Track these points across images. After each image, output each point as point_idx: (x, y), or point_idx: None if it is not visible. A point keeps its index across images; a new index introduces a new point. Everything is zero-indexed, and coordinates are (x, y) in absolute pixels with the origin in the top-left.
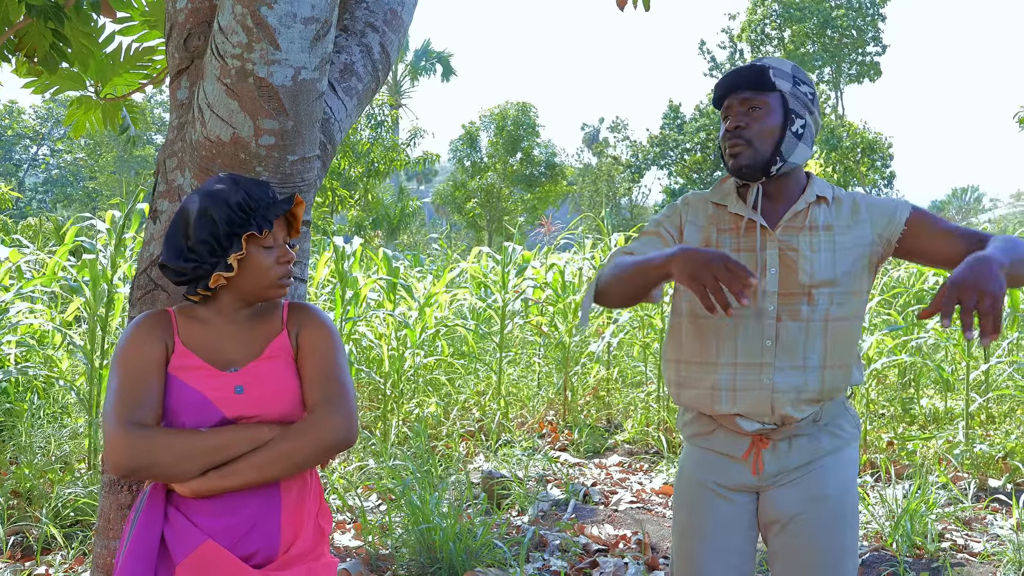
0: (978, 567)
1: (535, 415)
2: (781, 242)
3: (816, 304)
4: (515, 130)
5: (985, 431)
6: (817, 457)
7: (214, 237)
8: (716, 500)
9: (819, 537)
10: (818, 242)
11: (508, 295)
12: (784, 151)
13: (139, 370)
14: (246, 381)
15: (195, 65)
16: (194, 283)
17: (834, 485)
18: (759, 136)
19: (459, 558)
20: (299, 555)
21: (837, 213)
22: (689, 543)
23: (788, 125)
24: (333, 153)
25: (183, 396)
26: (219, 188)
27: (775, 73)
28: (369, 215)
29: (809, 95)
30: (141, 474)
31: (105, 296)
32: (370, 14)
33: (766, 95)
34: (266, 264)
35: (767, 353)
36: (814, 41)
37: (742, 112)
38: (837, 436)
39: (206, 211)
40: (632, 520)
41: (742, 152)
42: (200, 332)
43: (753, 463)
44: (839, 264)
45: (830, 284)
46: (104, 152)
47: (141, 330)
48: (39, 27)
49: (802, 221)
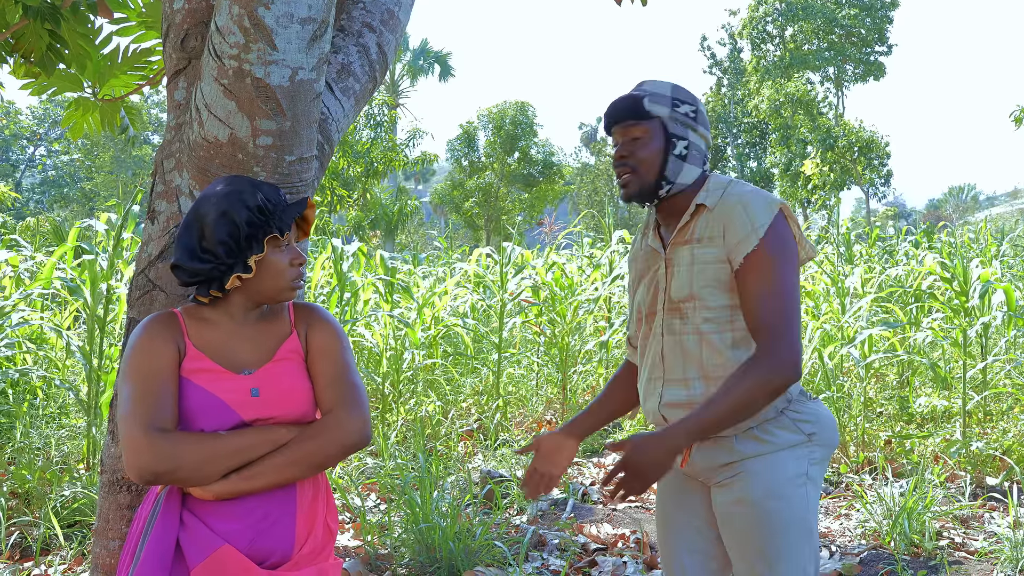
0: (975, 565)
1: (534, 414)
2: (668, 260)
3: (687, 317)
4: (513, 129)
5: (982, 429)
6: (740, 459)
7: (233, 238)
8: (676, 482)
9: (748, 539)
10: (686, 256)
11: (507, 295)
12: (669, 174)
13: (154, 374)
14: (261, 383)
15: (192, 66)
16: (206, 284)
17: (759, 490)
18: (641, 164)
19: (458, 557)
20: (310, 554)
21: (713, 223)
22: (658, 523)
23: (670, 149)
24: (331, 153)
25: (199, 399)
26: (237, 189)
27: (651, 100)
28: (368, 215)
29: (691, 114)
30: (165, 479)
31: (104, 297)
32: (367, 14)
33: (644, 123)
34: (281, 266)
35: (656, 368)
36: (819, 39)
37: (625, 142)
38: (764, 442)
39: (226, 212)
40: (630, 519)
41: (629, 180)
42: (210, 334)
43: (683, 458)
44: (696, 279)
45: (690, 299)
46: (101, 153)
47: (151, 333)
48: (36, 28)
49: (684, 235)
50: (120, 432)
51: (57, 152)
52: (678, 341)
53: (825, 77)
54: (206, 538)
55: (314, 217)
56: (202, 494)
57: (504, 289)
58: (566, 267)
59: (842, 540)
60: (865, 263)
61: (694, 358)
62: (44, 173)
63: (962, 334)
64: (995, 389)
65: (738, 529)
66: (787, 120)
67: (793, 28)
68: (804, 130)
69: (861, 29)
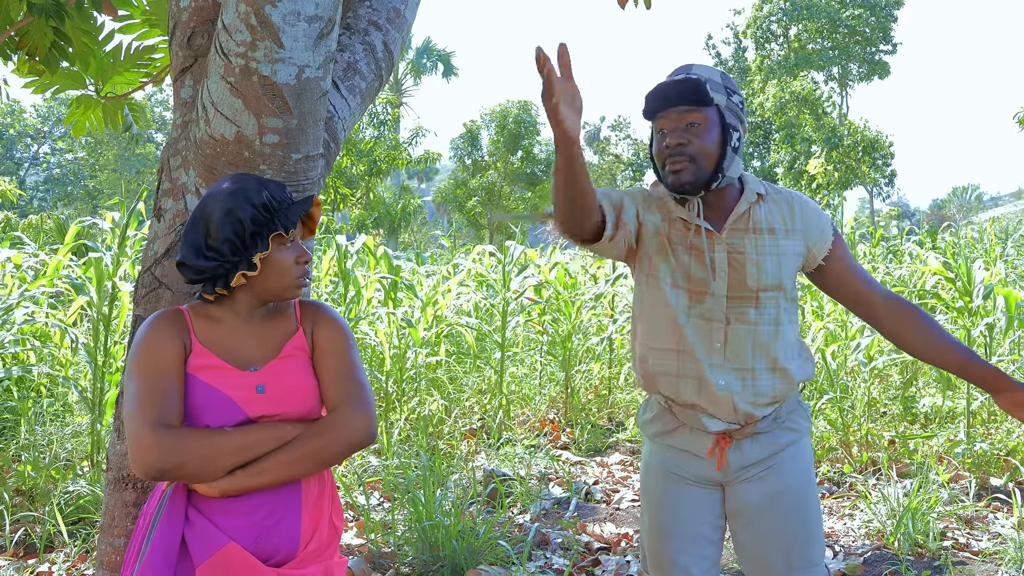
0: (980, 566)
1: (537, 413)
2: (729, 244)
3: (763, 307)
4: (516, 128)
5: (986, 430)
6: (775, 452)
7: (238, 236)
8: (684, 488)
9: (783, 529)
10: (763, 245)
11: (510, 294)
12: (725, 166)
13: (160, 371)
14: (267, 380)
15: (199, 63)
16: (212, 282)
17: (794, 478)
18: (701, 153)
19: (461, 556)
20: (315, 551)
21: (776, 215)
22: (660, 533)
23: (727, 141)
24: (337, 151)
25: (206, 396)
26: (242, 187)
27: (711, 87)
28: (371, 214)
29: (740, 105)
30: (171, 475)
31: (109, 294)
32: (373, 12)
33: (704, 110)
34: (287, 264)
35: (716, 355)
36: (823, 39)
37: (680, 128)
38: (792, 430)
39: (231, 210)
40: (634, 518)
41: (685, 169)
42: (216, 331)
43: (718, 461)
44: (784, 269)
45: (777, 288)
46: (105, 151)
47: (158, 329)
48: (40, 25)
49: (745, 223)
50: (126, 428)
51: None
52: (750, 330)
53: (829, 76)
54: (211, 535)
55: (320, 215)
56: (207, 491)
57: (507, 288)
58: (569, 266)
59: (846, 540)
60: (869, 263)
61: (765, 348)
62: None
63: (966, 334)
64: None
65: (774, 519)
66: (791, 119)
67: (797, 27)
68: (808, 129)
69: (865, 28)
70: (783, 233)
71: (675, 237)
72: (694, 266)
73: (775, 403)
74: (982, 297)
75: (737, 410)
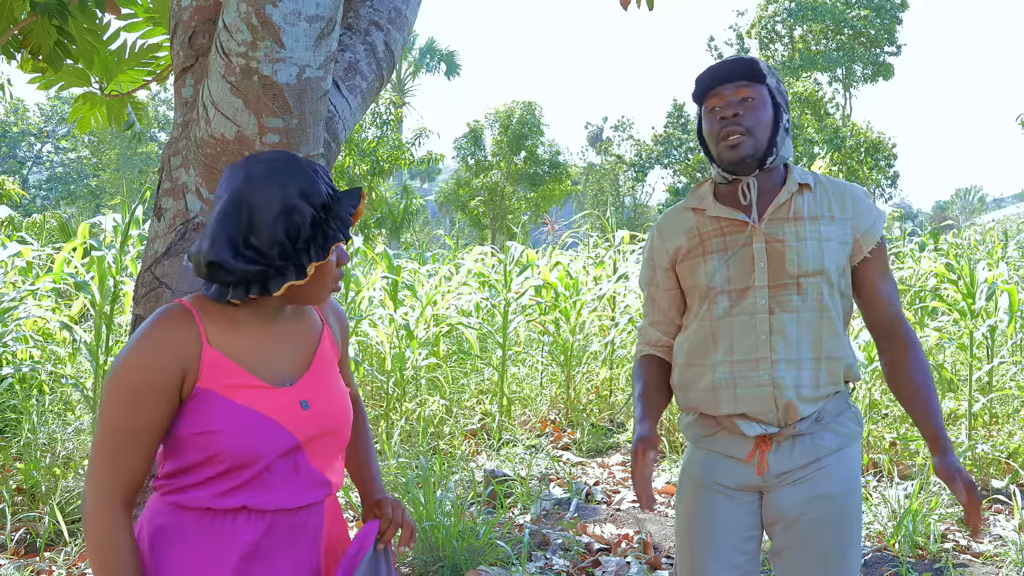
0: (980, 568)
1: (538, 414)
2: (767, 234)
3: (806, 294)
4: (519, 129)
5: (988, 432)
6: (821, 456)
7: (291, 239)
8: (720, 499)
9: (824, 535)
10: (804, 231)
11: (511, 294)
12: (778, 144)
13: (137, 427)
14: (309, 395)
15: (200, 63)
16: (244, 286)
17: (838, 484)
18: (758, 125)
19: (462, 556)
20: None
21: (823, 203)
22: (693, 542)
23: (779, 120)
24: (337, 151)
25: (244, 420)
26: (295, 175)
27: (763, 67)
28: (373, 214)
29: (786, 93)
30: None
31: (111, 293)
32: (375, 12)
33: (758, 86)
34: (331, 269)
35: (762, 347)
36: (827, 40)
37: (735, 102)
38: (840, 434)
39: (289, 209)
40: (634, 519)
41: (743, 141)
42: (239, 338)
43: (757, 464)
44: (826, 254)
45: (818, 274)
46: (107, 149)
47: (156, 348)
48: (43, 24)
49: (786, 212)
50: (90, 461)
51: (64, 149)
52: (794, 318)
53: (833, 78)
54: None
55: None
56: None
57: (508, 288)
58: (570, 267)
59: None
60: None
61: (810, 337)
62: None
63: (968, 336)
64: (1001, 392)
65: (811, 526)
66: (794, 120)
67: (802, 28)
68: (811, 130)
69: (870, 29)
70: (827, 220)
71: (709, 245)
72: (732, 262)
73: (819, 399)
74: (985, 298)
75: (779, 404)
